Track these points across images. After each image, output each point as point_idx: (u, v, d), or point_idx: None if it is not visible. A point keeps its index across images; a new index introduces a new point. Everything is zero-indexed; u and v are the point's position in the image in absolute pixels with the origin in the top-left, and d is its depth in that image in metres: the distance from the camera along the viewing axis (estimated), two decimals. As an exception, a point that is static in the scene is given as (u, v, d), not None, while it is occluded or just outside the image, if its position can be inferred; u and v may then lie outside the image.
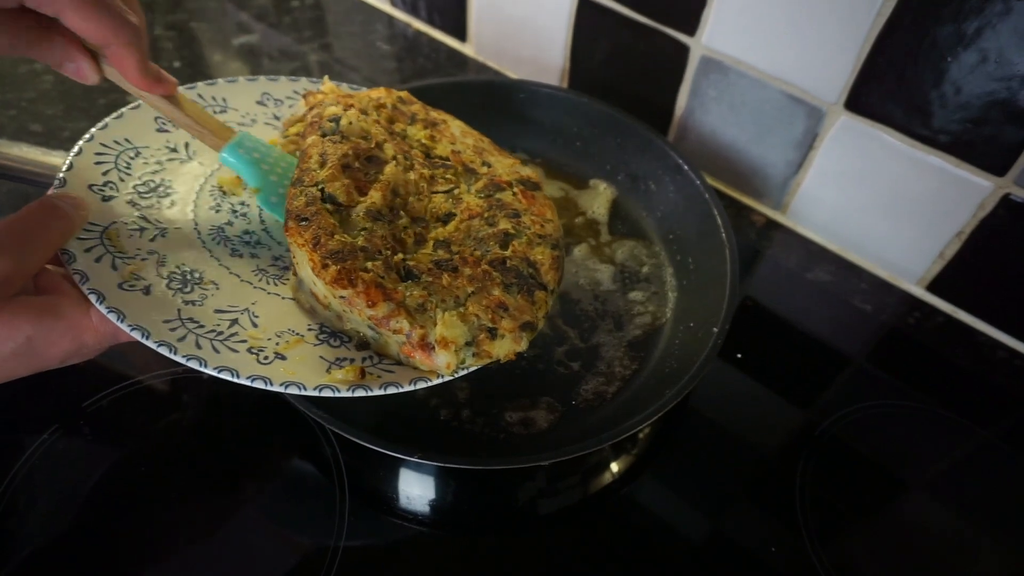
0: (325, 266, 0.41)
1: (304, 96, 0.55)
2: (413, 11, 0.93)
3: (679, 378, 0.50)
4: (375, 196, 0.46)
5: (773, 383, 0.59)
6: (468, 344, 0.42)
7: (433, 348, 0.41)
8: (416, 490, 0.51)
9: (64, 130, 0.75)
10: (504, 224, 0.48)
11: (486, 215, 0.49)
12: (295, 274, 0.45)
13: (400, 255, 0.44)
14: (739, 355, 0.60)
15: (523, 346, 0.44)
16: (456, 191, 0.50)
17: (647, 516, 0.50)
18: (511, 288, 0.45)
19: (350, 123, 0.49)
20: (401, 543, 0.49)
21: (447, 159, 0.53)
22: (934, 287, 0.65)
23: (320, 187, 0.44)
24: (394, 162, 0.49)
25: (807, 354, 0.62)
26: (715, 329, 0.52)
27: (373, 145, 0.49)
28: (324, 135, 0.48)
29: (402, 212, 0.47)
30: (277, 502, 0.50)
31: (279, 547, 0.47)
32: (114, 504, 0.49)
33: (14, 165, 0.48)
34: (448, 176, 0.51)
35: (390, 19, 0.95)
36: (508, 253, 0.47)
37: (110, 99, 0.79)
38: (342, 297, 0.41)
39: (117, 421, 0.53)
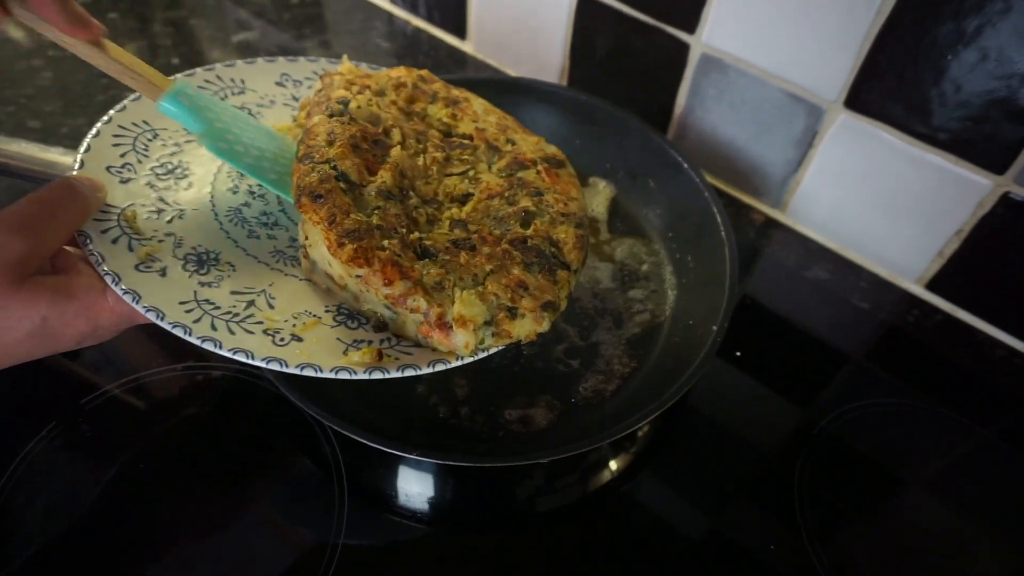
0: (341, 245, 0.40)
1: (321, 77, 0.54)
2: (412, 8, 0.93)
3: (678, 376, 0.50)
4: (385, 176, 0.45)
5: (772, 381, 0.59)
6: (487, 324, 0.40)
7: (451, 327, 0.40)
8: (415, 488, 0.51)
9: (62, 126, 0.75)
10: (525, 202, 0.47)
11: (506, 194, 0.48)
12: (306, 257, 0.45)
13: (416, 234, 0.43)
14: (738, 353, 0.59)
15: (545, 326, 0.42)
16: (472, 172, 0.49)
17: (646, 514, 0.50)
18: (532, 267, 0.44)
19: (359, 107, 0.48)
20: (400, 541, 0.49)
21: (469, 137, 0.52)
22: (933, 285, 0.65)
23: (332, 164, 0.44)
24: (400, 146, 0.48)
25: (806, 352, 0.62)
26: (714, 327, 0.52)
27: (380, 131, 0.48)
28: (331, 115, 0.48)
29: (412, 193, 0.46)
30: (276, 499, 0.50)
31: (278, 545, 0.47)
32: (113, 502, 0.48)
33: (12, 162, 0.48)
34: (465, 156, 0.50)
35: (389, 16, 0.95)
36: (529, 232, 0.46)
37: (109, 96, 0.79)
38: (358, 276, 0.40)
39: (116, 419, 0.52)
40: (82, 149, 0.44)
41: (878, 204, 0.64)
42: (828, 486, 0.52)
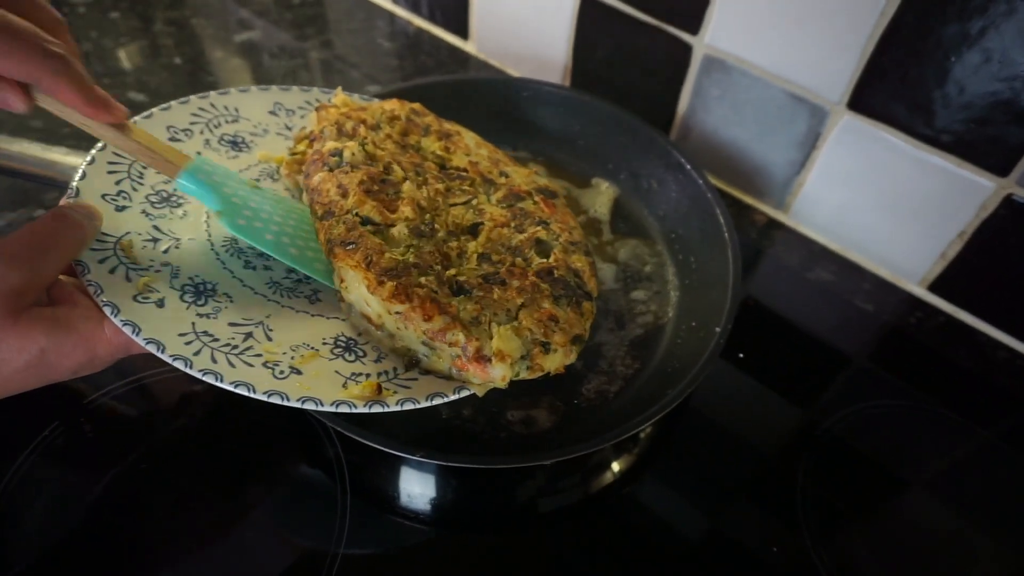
0: (381, 283, 0.41)
1: (316, 109, 0.54)
2: (415, 8, 0.93)
3: (681, 378, 0.50)
4: (407, 211, 0.46)
5: (774, 383, 0.59)
6: (522, 357, 0.42)
7: (489, 360, 0.41)
8: (418, 489, 0.51)
9: (64, 126, 0.74)
10: (533, 229, 0.49)
11: (513, 224, 0.50)
12: (342, 300, 0.45)
13: (452, 271, 0.44)
14: (740, 355, 0.59)
15: (573, 358, 0.44)
16: (474, 201, 0.51)
17: (648, 515, 0.50)
18: (560, 300, 0.45)
19: (353, 154, 0.49)
20: (403, 541, 0.49)
21: (464, 170, 0.53)
22: (936, 287, 0.65)
23: (354, 213, 0.45)
24: (408, 181, 0.49)
25: (808, 354, 0.62)
26: (717, 329, 0.52)
27: (381, 168, 0.49)
28: (331, 170, 0.49)
29: (436, 225, 0.47)
30: (279, 500, 0.50)
31: (281, 545, 0.47)
32: (114, 502, 0.48)
33: (14, 163, 0.48)
34: (465, 187, 0.51)
35: (391, 16, 0.95)
36: (552, 262, 0.47)
37: (112, 96, 0.79)
38: (398, 313, 0.41)
39: (118, 418, 0.52)
40: (77, 177, 0.44)
41: (881, 206, 0.64)
42: (830, 487, 0.52)
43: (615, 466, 0.54)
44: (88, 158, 0.46)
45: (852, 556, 0.49)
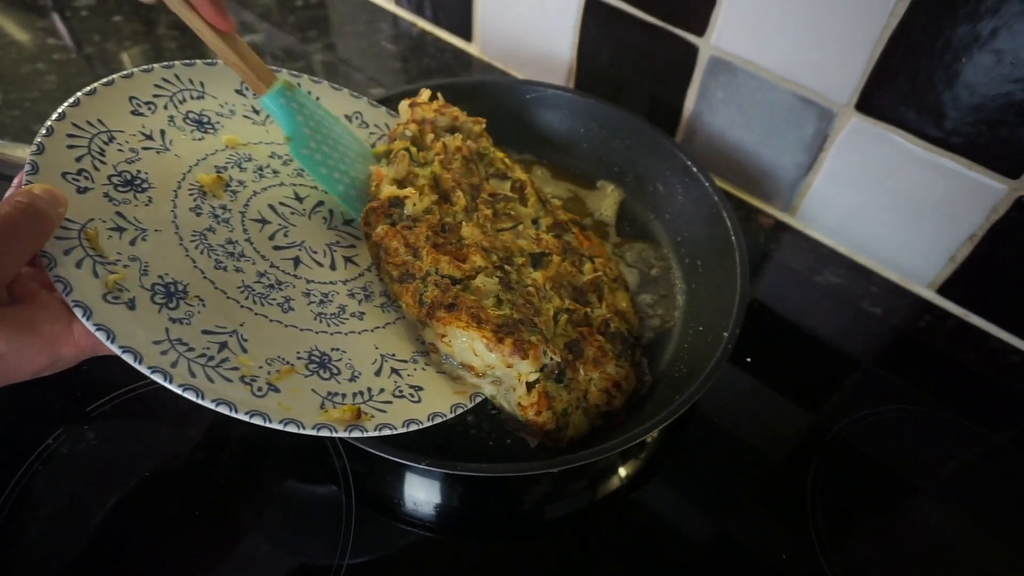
0: (500, 340, 0.44)
1: (410, 105, 0.57)
2: (418, 10, 0.93)
3: (689, 383, 0.49)
4: (477, 260, 0.48)
5: (783, 387, 0.58)
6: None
7: (564, 433, 0.48)
8: (423, 496, 0.51)
9: (67, 130, 0.75)
10: (590, 269, 0.53)
11: (568, 260, 0.53)
12: (435, 352, 0.47)
13: (547, 332, 0.47)
14: (748, 359, 0.59)
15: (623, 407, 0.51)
16: (520, 227, 0.51)
17: (655, 522, 0.50)
18: (621, 358, 0.51)
19: (414, 204, 0.51)
20: (408, 549, 0.48)
21: (517, 187, 0.56)
22: (945, 290, 0.64)
23: (438, 273, 0.47)
24: (466, 222, 0.51)
25: (816, 358, 0.61)
26: (725, 334, 0.51)
27: (438, 219, 0.51)
28: (394, 224, 0.50)
29: (508, 268, 0.49)
30: (285, 508, 0.49)
31: (288, 551, 0.47)
32: (119, 510, 0.48)
33: (18, 165, 0.48)
34: (509, 211, 0.52)
35: (395, 18, 0.95)
36: (607, 312, 0.52)
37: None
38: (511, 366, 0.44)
39: (121, 425, 0.52)
40: (33, 149, 0.41)
41: (890, 208, 0.63)
42: (841, 494, 0.52)
43: (622, 471, 0.53)
44: (45, 129, 0.42)
45: (863, 563, 0.48)
